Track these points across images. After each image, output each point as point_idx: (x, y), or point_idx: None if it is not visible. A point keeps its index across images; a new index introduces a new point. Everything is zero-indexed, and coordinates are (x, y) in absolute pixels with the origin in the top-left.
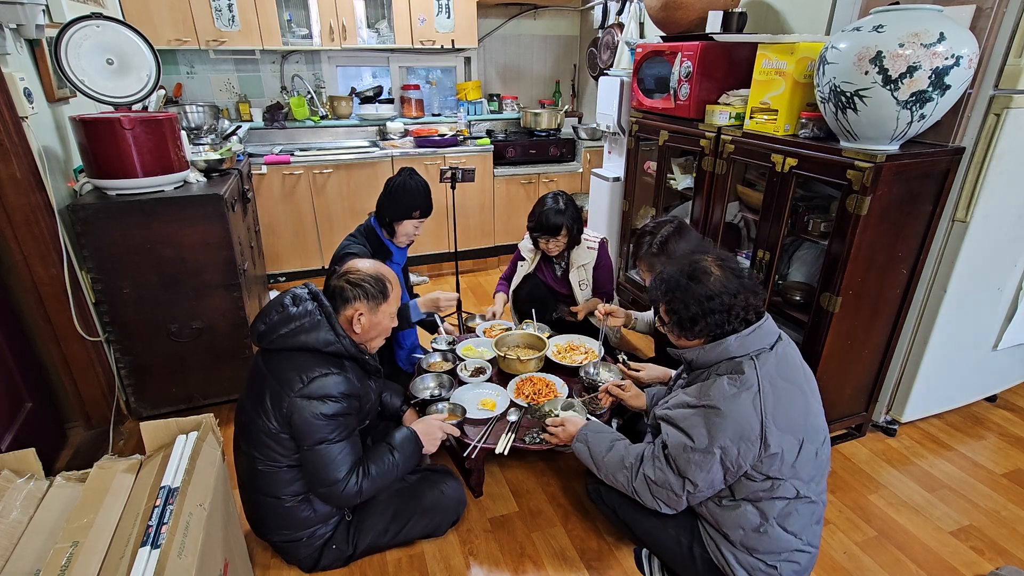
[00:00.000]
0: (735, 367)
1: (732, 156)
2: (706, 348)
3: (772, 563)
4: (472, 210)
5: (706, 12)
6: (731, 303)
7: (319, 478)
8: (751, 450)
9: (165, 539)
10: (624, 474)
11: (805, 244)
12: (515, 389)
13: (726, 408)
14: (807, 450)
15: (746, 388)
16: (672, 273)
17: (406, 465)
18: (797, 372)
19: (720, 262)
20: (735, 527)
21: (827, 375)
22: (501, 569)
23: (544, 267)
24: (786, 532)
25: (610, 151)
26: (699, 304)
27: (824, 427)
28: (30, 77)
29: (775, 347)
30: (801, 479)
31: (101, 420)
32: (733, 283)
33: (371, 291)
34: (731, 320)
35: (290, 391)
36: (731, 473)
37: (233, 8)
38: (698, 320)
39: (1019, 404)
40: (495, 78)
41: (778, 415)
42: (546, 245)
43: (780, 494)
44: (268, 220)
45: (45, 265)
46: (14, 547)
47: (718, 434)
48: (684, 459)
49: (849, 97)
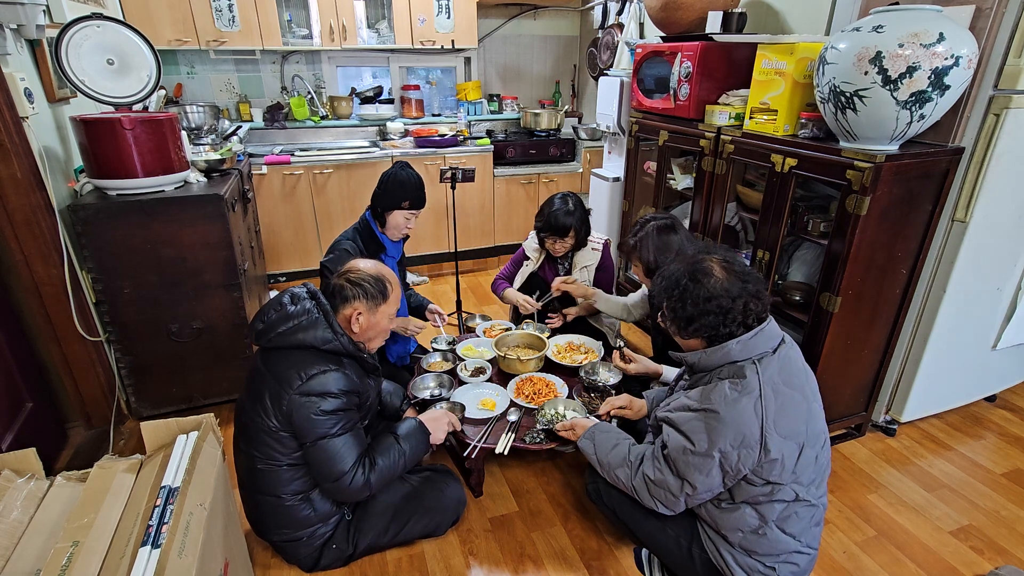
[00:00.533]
0: (737, 371)
1: (732, 156)
2: (708, 352)
3: (770, 564)
4: (472, 210)
5: (706, 12)
6: (729, 306)
7: (325, 473)
8: (751, 455)
9: (165, 539)
10: (625, 471)
11: (805, 244)
12: (515, 389)
13: (726, 413)
14: (807, 455)
15: (747, 393)
16: (674, 271)
17: (413, 455)
18: (799, 376)
19: (725, 264)
20: (734, 529)
21: (827, 375)
22: (501, 569)
23: (548, 267)
24: (785, 534)
25: (610, 151)
26: (696, 305)
27: (824, 431)
28: (30, 77)
29: (778, 351)
30: (801, 483)
31: (101, 420)
32: (735, 286)
33: (371, 291)
34: (727, 323)
35: (289, 388)
36: (730, 477)
37: (233, 8)
38: (694, 320)
39: (1019, 404)
40: (495, 78)
41: (779, 421)
42: (552, 245)
43: (779, 497)
44: (268, 220)
45: (45, 265)
46: (14, 547)
47: (718, 438)
48: (683, 461)
49: (849, 97)
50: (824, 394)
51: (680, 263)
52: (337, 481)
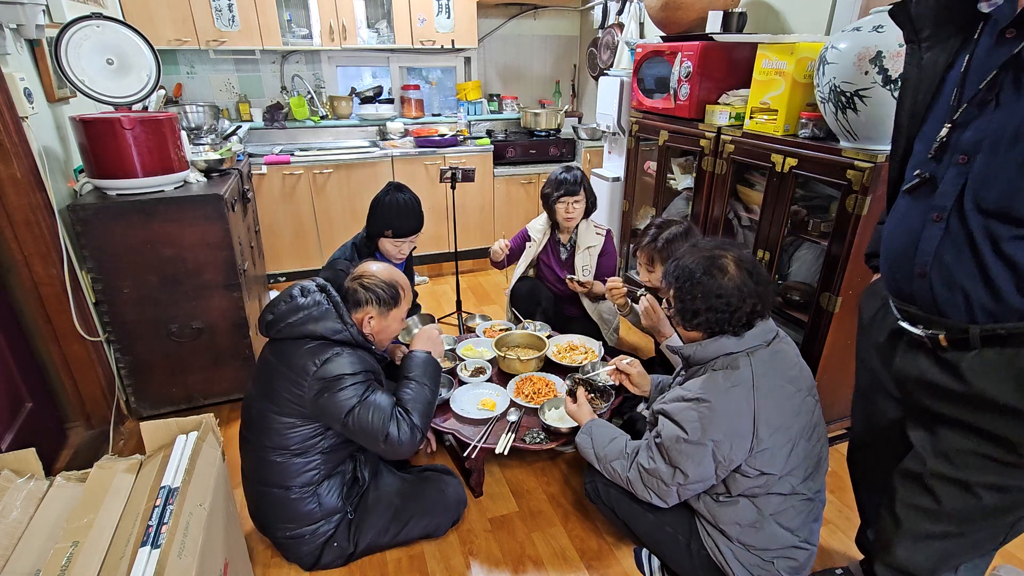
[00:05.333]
0: (731, 362)
1: (732, 156)
2: (703, 344)
3: (768, 559)
4: (472, 210)
5: (706, 12)
6: (738, 305)
7: (371, 439)
8: (742, 444)
9: (165, 539)
10: (621, 463)
11: (805, 244)
12: (515, 389)
13: (719, 402)
14: (801, 447)
15: (740, 383)
16: (689, 262)
17: (435, 382)
18: (793, 370)
19: (739, 262)
20: (731, 523)
21: (827, 375)
22: (501, 569)
23: (551, 250)
24: (782, 528)
25: (610, 151)
26: (705, 299)
27: (821, 425)
28: (30, 77)
29: (771, 344)
30: (796, 476)
31: (101, 420)
32: (747, 286)
33: (383, 297)
34: (732, 322)
35: (306, 376)
36: (722, 467)
37: (233, 8)
38: (700, 314)
39: None
40: (495, 78)
41: (771, 412)
42: (566, 209)
43: (775, 490)
44: (268, 220)
45: (45, 265)
46: (14, 547)
47: (710, 427)
48: (676, 450)
49: (849, 97)
50: (824, 394)
51: (696, 254)
52: (386, 441)
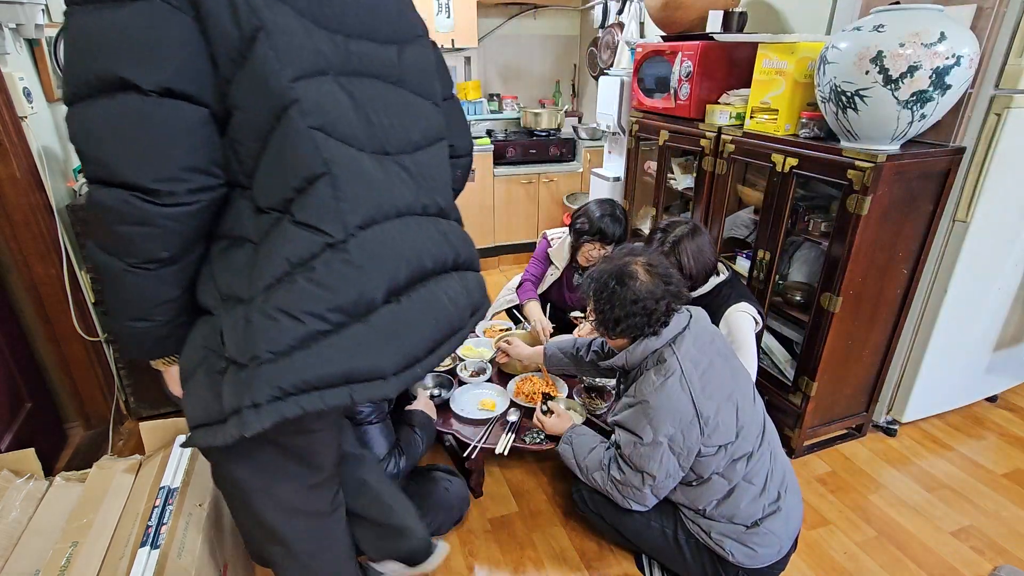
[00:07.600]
0: (659, 358)
1: (732, 156)
2: (630, 350)
3: (751, 523)
4: (472, 210)
5: (706, 12)
6: (653, 308)
7: None
8: (692, 431)
9: (165, 539)
10: (600, 475)
11: (805, 244)
12: (515, 389)
13: (657, 398)
14: (744, 407)
15: (671, 374)
16: (601, 274)
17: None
18: (714, 342)
19: (648, 267)
20: (708, 500)
21: (828, 375)
22: (501, 569)
23: (567, 273)
24: (752, 485)
25: (610, 151)
26: (623, 307)
27: (750, 383)
28: (29, 77)
29: (688, 326)
30: (751, 432)
31: (101, 420)
32: (659, 288)
33: None
34: (652, 323)
35: None
36: (684, 457)
37: None
38: (621, 321)
39: (1019, 404)
40: (495, 78)
41: (706, 386)
42: (589, 252)
43: (739, 454)
44: None
45: (44, 265)
46: (14, 547)
47: (659, 424)
48: (637, 455)
49: (850, 97)
50: (825, 394)
51: (607, 265)
52: None
